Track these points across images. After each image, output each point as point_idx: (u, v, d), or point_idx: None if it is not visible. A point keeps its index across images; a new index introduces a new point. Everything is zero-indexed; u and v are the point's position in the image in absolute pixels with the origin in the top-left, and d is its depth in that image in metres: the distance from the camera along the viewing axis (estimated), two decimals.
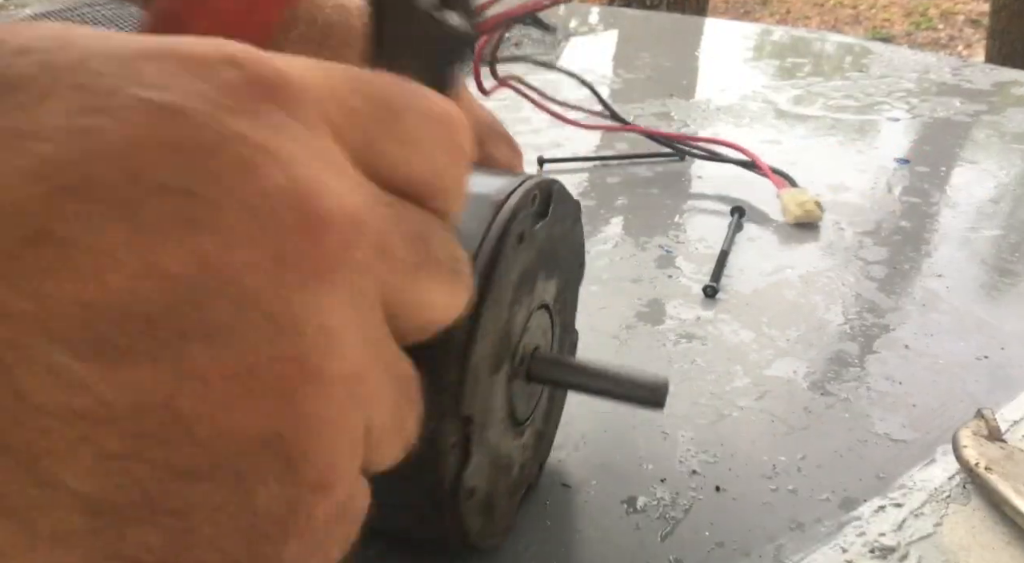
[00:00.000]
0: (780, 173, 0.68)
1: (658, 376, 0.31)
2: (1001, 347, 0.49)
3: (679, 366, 0.46)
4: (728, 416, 0.42)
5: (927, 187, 0.73)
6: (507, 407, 0.30)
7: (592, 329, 0.49)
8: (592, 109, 0.70)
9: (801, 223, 0.63)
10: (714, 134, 0.84)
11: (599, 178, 0.73)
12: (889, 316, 0.52)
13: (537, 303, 0.32)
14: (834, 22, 4.92)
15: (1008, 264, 0.60)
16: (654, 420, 0.42)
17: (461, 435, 0.26)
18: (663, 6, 2.91)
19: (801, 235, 0.63)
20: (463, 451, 0.27)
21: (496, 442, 0.30)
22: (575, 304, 0.38)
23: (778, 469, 0.39)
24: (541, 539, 0.35)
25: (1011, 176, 0.76)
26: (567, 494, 0.37)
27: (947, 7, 4.96)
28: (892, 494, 0.37)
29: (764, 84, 1.02)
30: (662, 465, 0.39)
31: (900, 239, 0.63)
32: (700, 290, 0.54)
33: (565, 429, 0.41)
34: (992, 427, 0.38)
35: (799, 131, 0.86)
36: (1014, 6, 3.20)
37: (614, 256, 0.59)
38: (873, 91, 1.00)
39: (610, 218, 0.66)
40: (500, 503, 0.32)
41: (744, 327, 0.50)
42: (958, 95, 0.98)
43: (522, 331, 0.30)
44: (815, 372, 0.46)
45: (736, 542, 0.35)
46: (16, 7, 1.01)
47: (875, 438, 0.41)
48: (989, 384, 0.46)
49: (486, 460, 0.29)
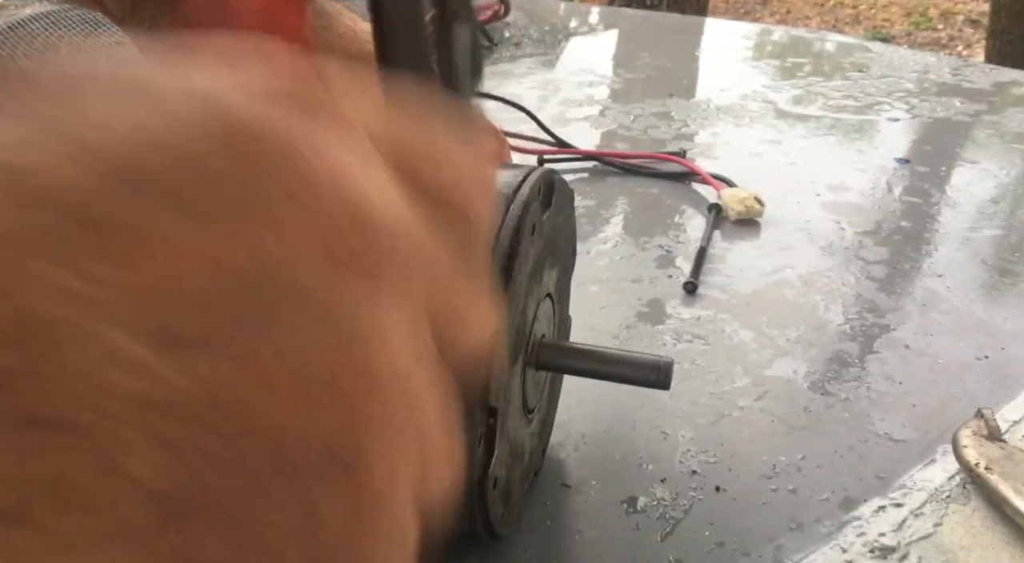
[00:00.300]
0: (719, 177, 0.69)
1: (663, 357, 0.32)
2: (1001, 347, 0.49)
3: (679, 366, 0.46)
4: (728, 416, 0.42)
5: (927, 187, 0.73)
6: (521, 396, 0.31)
7: (592, 329, 0.49)
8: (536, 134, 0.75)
9: (743, 219, 0.64)
10: (714, 134, 0.84)
11: (599, 178, 0.73)
12: (889, 316, 0.52)
13: (544, 292, 0.32)
14: (834, 22, 4.92)
15: (1008, 264, 0.60)
16: (654, 420, 0.42)
17: (487, 427, 0.27)
18: (663, 6, 2.90)
19: (802, 235, 0.63)
20: (489, 442, 0.27)
21: (513, 431, 0.30)
22: (569, 290, 0.38)
23: (778, 469, 0.39)
24: (541, 539, 0.35)
25: (1011, 176, 0.76)
26: (567, 494, 0.37)
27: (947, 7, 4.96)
28: (892, 494, 0.37)
29: (764, 84, 1.02)
30: (662, 465, 0.39)
31: (900, 239, 0.63)
32: (701, 290, 0.54)
33: (565, 429, 0.41)
34: (992, 427, 0.38)
35: (799, 131, 0.86)
36: (1014, 6, 3.20)
37: (614, 256, 0.59)
38: (873, 91, 1.00)
39: (610, 218, 0.66)
40: (514, 490, 0.32)
41: (744, 327, 0.50)
42: (958, 95, 0.98)
43: (533, 320, 0.31)
44: (815, 372, 0.46)
45: (736, 542, 0.35)
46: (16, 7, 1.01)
47: (875, 438, 0.41)
48: (989, 384, 0.46)
49: (506, 449, 0.29)
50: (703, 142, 0.82)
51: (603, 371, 0.33)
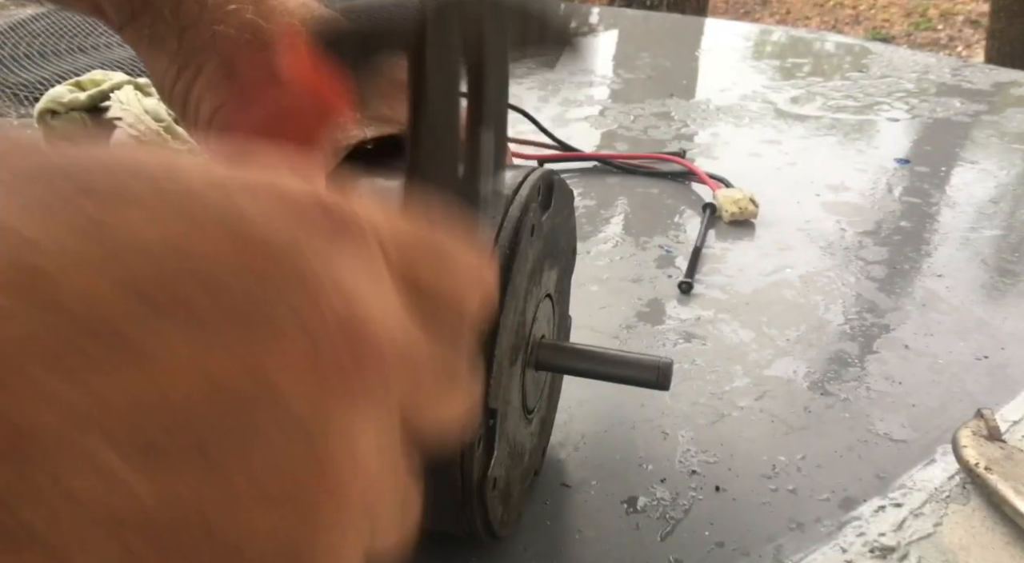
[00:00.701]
0: (716, 177, 0.69)
1: (662, 358, 0.32)
2: (1001, 347, 0.49)
3: (679, 366, 0.46)
4: (728, 416, 0.42)
5: (927, 187, 0.73)
6: (521, 396, 0.31)
7: (592, 329, 0.49)
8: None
9: (737, 221, 0.64)
10: (714, 134, 0.84)
11: (599, 178, 0.73)
12: (889, 316, 0.52)
13: (544, 293, 0.32)
14: (834, 22, 4.93)
15: (1008, 264, 0.60)
16: (654, 420, 0.42)
17: (487, 428, 0.27)
18: (663, 6, 2.91)
19: (802, 235, 0.63)
20: (488, 443, 0.27)
21: (513, 432, 0.30)
22: (568, 290, 0.38)
23: (778, 469, 0.39)
24: (541, 539, 0.35)
25: (1011, 176, 0.76)
26: (567, 494, 0.37)
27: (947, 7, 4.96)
28: (892, 494, 0.37)
29: (764, 84, 1.02)
30: (662, 465, 0.39)
31: (900, 239, 0.63)
32: (701, 290, 0.54)
33: (565, 429, 0.41)
34: (992, 427, 0.38)
35: (799, 131, 0.86)
36: (1014, 7, 3.20)
37: (614, 256, 0.59)
38: (873, 91, 1.00)
39: (610, 218, 0.66)
40: (514, 491, 0.32)
41: (744, 327, 0.50)
42: (958, 95, 0.98)
43: (532, 321, 0.31)
44: (815, 372, 0.46)
45: (736, 542, 0.35)
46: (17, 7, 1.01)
47: (875, 438, 0.41)
48: (989, 384, 0.46)
49: (506, 450, 0.29)
50: (703, 142, 0.82)
51: (603, 372, 0.33)
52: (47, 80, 0.77)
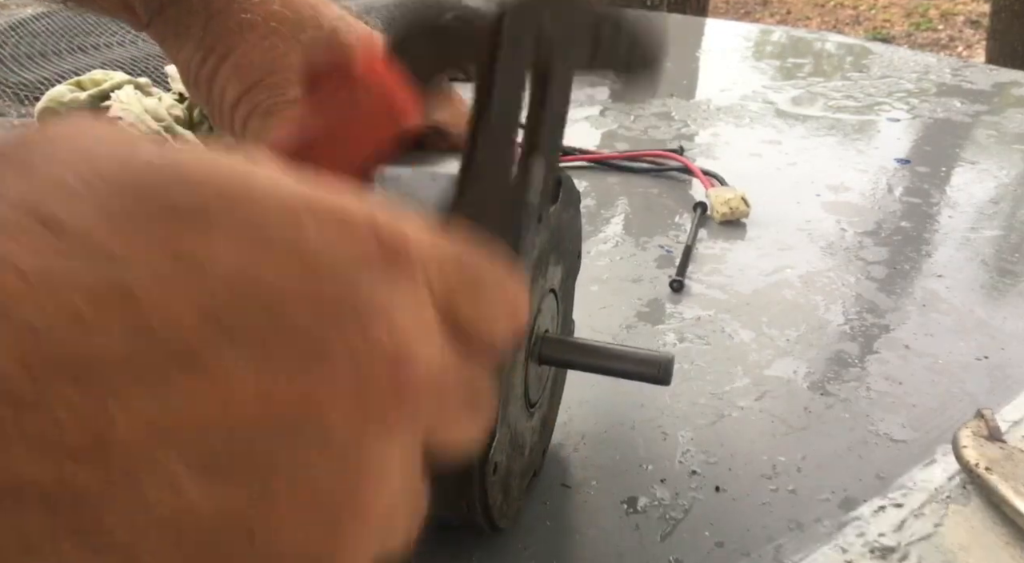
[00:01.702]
0: (710, 174, 0.69)
1: (664, 353, 0.32)
2: (1001, 347, 0.49)
3: (679, 366, 0.46)
4: (728, 416, 0.42)
5: (927, 187, 0.73)
6: (523, 387, 0.31)
7: (592, 329, 0.49)
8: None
9: (728, 220, 0.64)
10: (714, 134, 0.84)
11: (599, 178, 0.73)
12: (889, 316, 0.52)
13: (548, 287, 0.32)
14: (834, 23, 4.92)
15: (1008, 264, 0.60)
16: (654, 420, 0.42)
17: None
18: (663, 7, 2.91)
19: (802, 235, 0.63)
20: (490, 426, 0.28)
21: (514, 420, 0.30)
22: (573, 294, 0.39)
23: (778, 469, 0.39)
24: (541, 539, 0.35)
25: (1011, 176, 0.76)
26: (567, 494, 0.37)
27: (947, 8, 4.96)
28: (892, 494, 0.37)
29: (764, 84, 1.02)
30: (662, 465, 0.39)
31: (900, 239, 0.63)
32: (701, 290, 0.54)
33: (565, 429, 0.41)
34: (992, 427, 0.38)
35: (799, 131, 0.86)
36: (1014, 7, 3.20)
37: (614, 256, 0.59)
38: (873, 91, 1.00)
39: (610, 218, 0.66)
40: (514, 484, 0.32)
41: (744, 327, 0.50)
42: (958, 96, 0.98)
43: (536, 313, 0.31)
44: (815, 372, 0.46)
45: (736, 542, 0.35)
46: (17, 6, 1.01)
47: (875, 438, 0.41)
48: (989, 384, 0.46)
49: (507, 437, 0.30)
50: (703, 142, 0.82)
51: (604, 366, 0.33)
52: (48, 80, 0.77)
